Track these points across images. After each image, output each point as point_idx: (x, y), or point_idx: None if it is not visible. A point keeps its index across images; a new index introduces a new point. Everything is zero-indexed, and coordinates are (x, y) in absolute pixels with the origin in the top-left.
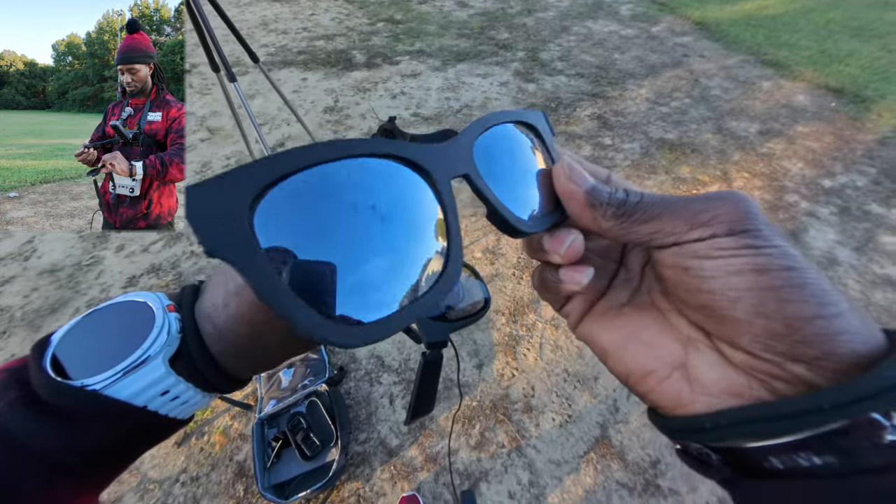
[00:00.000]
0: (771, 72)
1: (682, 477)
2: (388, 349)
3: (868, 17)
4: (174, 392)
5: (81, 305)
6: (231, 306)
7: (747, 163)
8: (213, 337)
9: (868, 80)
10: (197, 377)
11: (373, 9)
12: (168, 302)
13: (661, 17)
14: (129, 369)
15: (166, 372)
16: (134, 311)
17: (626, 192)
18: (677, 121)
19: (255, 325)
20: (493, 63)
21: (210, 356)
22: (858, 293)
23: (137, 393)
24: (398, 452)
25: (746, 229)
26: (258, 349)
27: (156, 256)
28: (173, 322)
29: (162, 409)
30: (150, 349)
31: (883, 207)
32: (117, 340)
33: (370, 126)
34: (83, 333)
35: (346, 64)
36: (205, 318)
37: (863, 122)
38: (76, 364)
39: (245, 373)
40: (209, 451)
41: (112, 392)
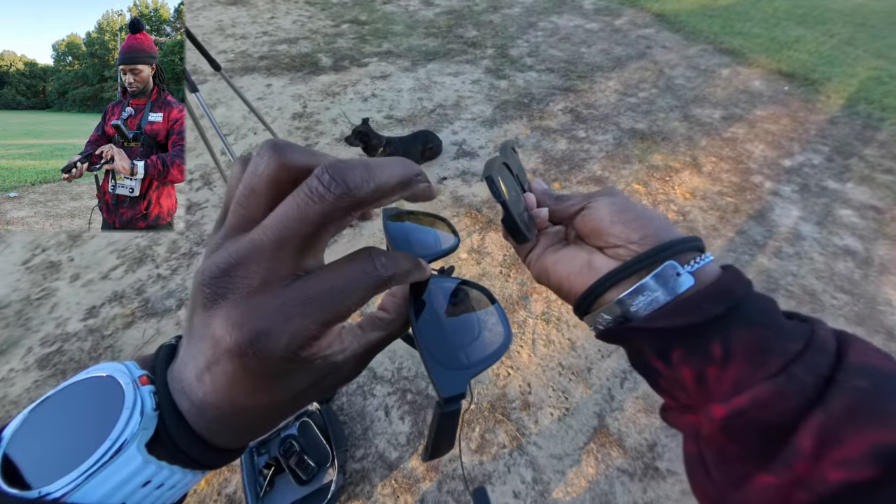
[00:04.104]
0: (728, 59)
1: (679, 458)
2: (379, 359)
3: (811, 5)
4: (157, 480)
5: (34, 344)
6: (206, 382)
7: (714, 147)
8: (193, 413)
9: (815, 63)
10: (182, 458)
11: (336, 10)
12: (140, 372)
13: (623, 11)
14: (99, 465)
15: (144, 461)
16: (98, 390)
17: (558, 194)
18: (646, 111)
19: (234, 401)
20: (464, 61)
21: (194, 434)
22: (822, 264)
23: (112, 491)
24: (398, 465)
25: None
26: (246, 420)
27: (117, 283)
28: (147, 398)
29: (145, 502)
30: (121, 436)
31: (838, 183)
32: (81, 430)
33: (342, 131)
34: (39, 424)
35: (312, 68)
36: (179, 392)
37: (814, 104)
38: (33, 466)
39: (238, 442)
40: (195, 488)
41: (79, 497)
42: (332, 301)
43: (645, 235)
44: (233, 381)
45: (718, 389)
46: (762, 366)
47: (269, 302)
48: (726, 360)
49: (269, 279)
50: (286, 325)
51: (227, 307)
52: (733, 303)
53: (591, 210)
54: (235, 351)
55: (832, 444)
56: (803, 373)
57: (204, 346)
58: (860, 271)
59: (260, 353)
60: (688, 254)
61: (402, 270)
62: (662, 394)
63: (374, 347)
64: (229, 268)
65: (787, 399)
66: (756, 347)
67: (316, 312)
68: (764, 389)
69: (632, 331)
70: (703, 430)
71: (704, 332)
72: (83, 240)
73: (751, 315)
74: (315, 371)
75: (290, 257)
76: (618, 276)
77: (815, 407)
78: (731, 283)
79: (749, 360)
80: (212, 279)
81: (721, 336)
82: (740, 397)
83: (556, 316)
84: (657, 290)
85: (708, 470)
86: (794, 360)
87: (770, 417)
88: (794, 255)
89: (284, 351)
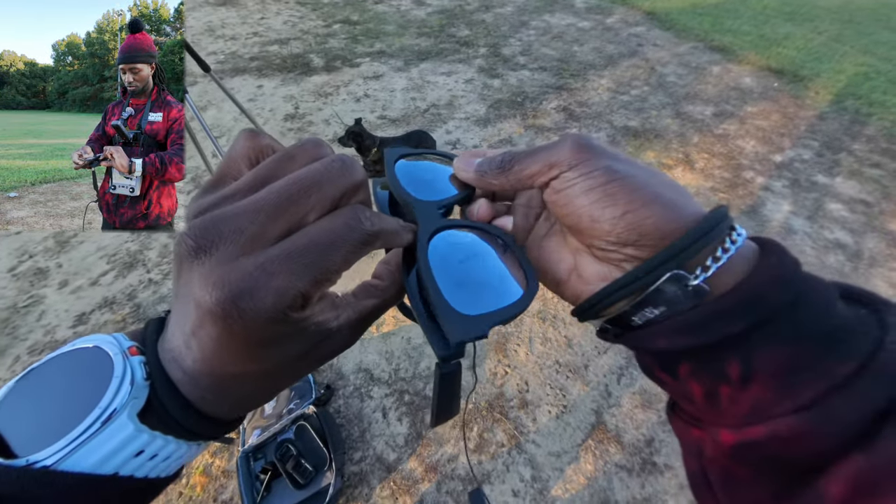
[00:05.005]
0: (719, 57)
1: (676, 453)
2: (376, 361)
3: (799, 2)
4: (151, 450)
5: (22, 353)
6: (194, 349)
7: (706, 144)
8: (185, 382)
9: (804, 60)
10: (176, 427)
11: (327, 10)
12: (129, 343)
13: (614, 9)
14: (89, 434)
15: (136, 429)
16: (86, 361)
17: (502, 154)
18: (638, 108)
19: (225, 367)
20: (456, 60)
21: (186, 403)
22: (814, 258)
23: (104, 459)
24: (396, 467)
25: (580, 162)
26: (240, 389)
27: (108, 289)
28: (137, 368)
29: (139, 472)
30: (111, 404)
31: (827, 177)
32: (69, 399)
33: (335, 131)
34: (25, 395)
35: (303, 69)
36: (170, 361)
37: (803, 100)
38: (21, 435)
39: (233, 413)
40: (190, 495)
41: (69, 465)
42: (318, 256)
43: (642, 233)
44: (220, 346)
45: (732, 411)
46: (791, 393)
47: (252, 260)
48: (745, 381)
49: (258, 236)
50: (270, 283)
51: (210, 264)
52: (761, 316)
53: (561, 191)
54: (218, 312)
55: (867, 495)
56: (847, 408)
57: (188, 309)
58: (850, 264)
59: (245, 314)
60: (706, 251)
61: (388, 228)
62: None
63: (368, 315)
64: (218, 220)
65: (817, 440)
66: (787, 367)
67: (301, 269)
68: (788, 425)
69: (632, 346)
70: (707, 452)
71: (718, 352)
72: (71, 245)
73: (786, 328)
74: (308, 338)
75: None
76: (611, 297)
77: (855, 449)
78: (761, 288)
79: (775, 383)
80: (199, 229)
81: (740, 356)
82: (756, 428)
83: (552, 314)
84: (660, 307)
85: (714, 492)
86: (838, 389)
87: (792, 455)
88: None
89: (272, 311)
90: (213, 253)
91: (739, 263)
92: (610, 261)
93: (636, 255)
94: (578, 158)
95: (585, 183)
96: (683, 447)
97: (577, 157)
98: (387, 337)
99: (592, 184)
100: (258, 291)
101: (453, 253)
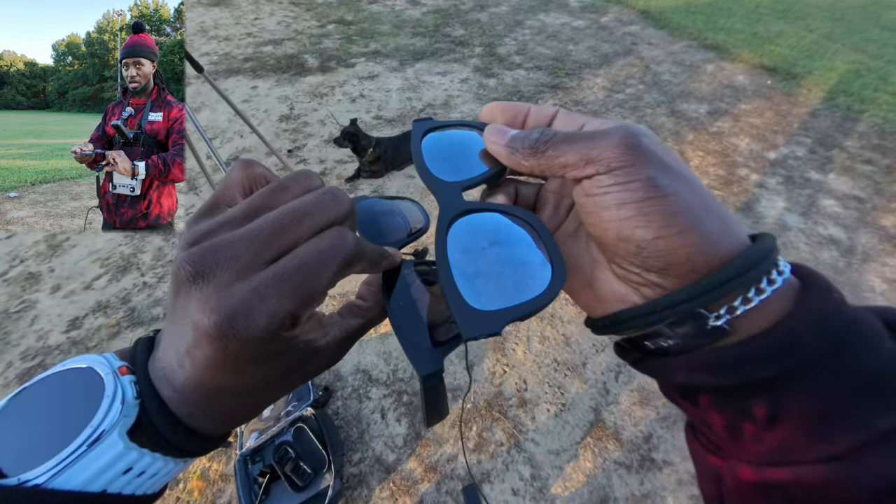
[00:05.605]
0: (712, 55)
1: (674, 449)
2: (374, 362)
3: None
4: (139, 467)
5: (14, 359)
6: (187, 367)
7: (701, 142)
8: (175, 399)
9: (796, 58)
10: (164, 445)
11: (321, 10)
12: (119, 363)
13: (609, 8)
14: (80, 453)
15: (126, 447)
16: (77, 381)
17: (540, 132)
18: (634, 106)
19: (217, 384)
20: (452, 60)
21: (176, 421)
22: (808, 254)
23: (93, 477)
24: (396, 467)
25: (620, 167)
26: (229, 404)
27: (101, 293)
28: (128, 387)
29: (126, 489)
30: (102, 423)
31: (820, 174)
32: (61, 419)
33: (330, 132)
34: (17, 415)
35: (298, 69)
36: (161, 379)
37: (795, 97)
38: (12, 455)
39: (221, 429)
40: (187, 500)
41: (60, 483)
42: (306, 278)
43: (671, 262)
44: (214, 365)
45: (754, 448)
46: (823, 440)
47: (246, 284)
48: (772, 422)
49: (253, 262)
50: (263, 306)
51: (207, 289)
52: (796, 363)
53: (592, 196)
54: (215, 334)
55: None
56: (884, 464)
57: (184, 330)
58: (844, 260)
59: (239, 335)
60: (737, 292)
61: (370, 250)
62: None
63: (353, 333)
64: (217, 248)
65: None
66: (821, 414)
67: (290, 291)
68: (816, 474)
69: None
70: (727, 482)
71: (744, 392)
72: (63, 249)
73: (824, 375)
74: (297, 355)
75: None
76: (622, 325)
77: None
78: (799, 331)
79: (806, 429)
80: (198, 256)
81: (768, 399)
82: (779, 470)
83: (549, 313)
84: (673, 339)
85: None
86: (876, 444)
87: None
88: (780, 245)
89: (264, 332)
90: (211, 279)
91: (776, 301)
92: (629, 282)
93: (659, 284)
94: (620, 161)
95: (620, 195)
96: (700, 470)
97: (620, 160)
98: (385, 338)
99: (627, 197)
100: (252, 313)
101: (475, 240)
